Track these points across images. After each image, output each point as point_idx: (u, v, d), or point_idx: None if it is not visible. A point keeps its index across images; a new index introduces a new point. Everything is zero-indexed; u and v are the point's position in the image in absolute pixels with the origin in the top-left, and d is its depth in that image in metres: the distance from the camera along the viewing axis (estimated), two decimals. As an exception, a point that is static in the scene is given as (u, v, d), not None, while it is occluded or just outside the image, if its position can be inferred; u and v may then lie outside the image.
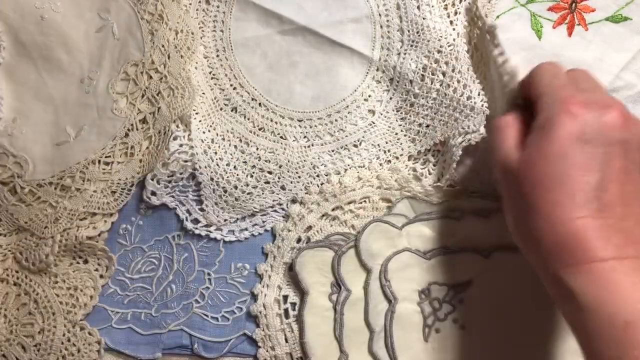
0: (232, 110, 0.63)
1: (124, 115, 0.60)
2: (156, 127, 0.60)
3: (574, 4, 0.62)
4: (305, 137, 0.63)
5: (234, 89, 0.63)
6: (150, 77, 0.60)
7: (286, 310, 0.61)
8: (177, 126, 0.61)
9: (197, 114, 0.62)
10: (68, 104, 0.61)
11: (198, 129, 0.62)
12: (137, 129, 0.60)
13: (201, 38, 0.63)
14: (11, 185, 0.61)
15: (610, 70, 0.60)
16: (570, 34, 0.61)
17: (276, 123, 0.63)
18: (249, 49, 0.63)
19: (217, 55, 0.64)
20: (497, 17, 0.62)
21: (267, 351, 0.60)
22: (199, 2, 0.64)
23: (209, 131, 0.62)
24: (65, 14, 0.62)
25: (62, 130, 0.61)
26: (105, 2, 0.62)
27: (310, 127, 0.63)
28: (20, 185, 0.61)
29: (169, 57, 0.60)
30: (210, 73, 0.63)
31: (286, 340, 0.60)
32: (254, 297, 0.61)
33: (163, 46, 0.61)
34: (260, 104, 0.63)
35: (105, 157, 0.60)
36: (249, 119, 0.63)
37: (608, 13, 0.62)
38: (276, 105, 0.63)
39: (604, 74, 0.60)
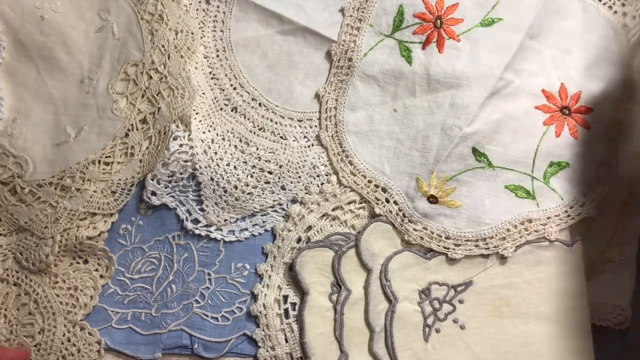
0: (232, 110, 0.63)
1: (124, 115, 0.60)
2: (156, 127, 0.60)
3: (438, 21, 0.60)
4: (305, 137, 0.63)
5: (234, 89, 0.63)
6: (150, 77, 0.60)
7: (286, 311, 0.61)
8: (177, 126, 0.61)
9: (197, 114, 0.62)
10: (68, 104, 0.61)
11: (198, 129, 0.62)
12: (137, 129, 0.60)
13: (201, 38, 0.63)
14: (11, 186, 0.61)
15: (492, 72, 0.60)
16: (441, 50, 0.60)
17: (276, 123, 0.63)
18: (249, 49, 0.63)
19: (217, 55, 0.64)
20: (365, 54, 0.62)
21: (267, 351, 0.60)
22: (199, 2, 0.64)
23: (209, 131, 0.62)
24: (65, 14, 0.62)
25: (62, 130, 0.61)
26: (105, 2, 0.62)
27: (310, 127, 0.63)
28: (21, 185, 0.61)
29: (169, 57, 0.60)
30: (210, 73, 0.63)
31: (286, 340, 0.60)
32: (254, 297, 0.61)
33: (163, 46, 0.61)
34: (260, 104, 0.63)
35: (105, 157, 0.60)
36: (249, 119, 0.63)
37: (477, 20, 0.61)
38: (276, 105, 0.63)
39: (488, 78, 0.59)
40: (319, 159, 0.62)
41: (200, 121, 0.62)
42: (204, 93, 0.63)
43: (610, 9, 0.62)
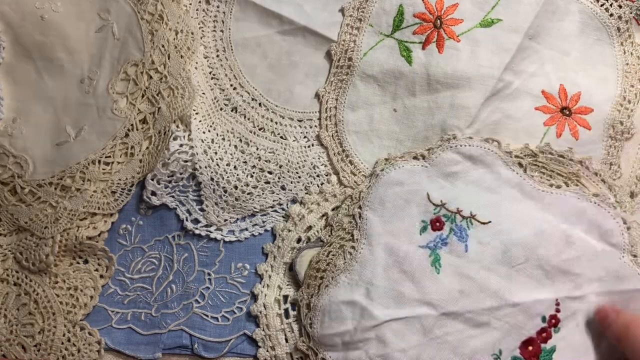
0: (232, 110, 0.63)
1: (124, 115, 0.60)
2: (156, 127, 0.60)
3: (438, 21, 0.61)
4: (305, 137, 0.63)
5: (234, 89, 0.63)
6: (150, 77, 0.60)
7: (286, 310, 0.61)
8: (177, 126, 0.61)
9: (197, 114, 0.62)
10: (68, 104, 0.61)
11: (198, 129, 0.62)
12: (137, 129, 0.60)
13: (201, 38, 0.63)
14: (11, 186, 0.61)
15: (492, 73, 0.60)
16: (441, 51, 0.60)
17: (276, 123, 0.63)
18: (249, 49, 0.63)
19: (217, 55, 0.64)
20: (365, 54, 0.62)
21: (267, 351, 0.60)
22: (199, 2, 0.64)
23: (209, 131, 0.62)
24: (65, 14, 0.62)
25: (62, 130, 0.61)
26: (105, 2, 0.62)
27: (310, 127, 0.63)
28: (21, 185, 0.61)
29: (169, 57, 0.60)
30: (210, 73, 0.63)
31: (286, 340, 0.60)
32: (254, 297, 0.61)
33: (163, 46, 0.61)
34: (260, 104, 0.63)
35: (105, 157, 0.60)
36: (249, 119, 0.63)
37: (477, 20, 0.61)
38: (276, 105, 0.63)
39: (488, 79, 0.60)
40: (319, 159, 0.62)
41: (200, 121, 0.62)
42: (204, 93, 0.63)
43: (606, 11, 0.62)
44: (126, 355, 0.62)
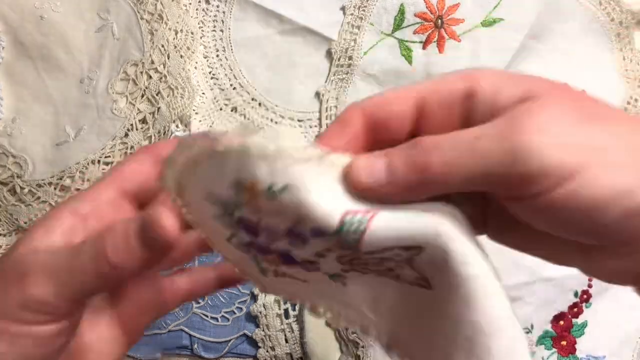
0: (232, 110, 0.63)
1: (123, 115, 0.60)
2: (156, 127, 0.60)
3: (439, 20, 0.60)
4: (305, 137, 0.63)
5: (234, 88, 0.63)
6: (150, 77, 0.60)
7: (286, 311, 0.61)
8: (177, 126, 0.61)
9: (197, 114, 0.62)
10: (68, 104, 0.61)
11: (198, 129, 0.62)
12: (137, 129, 0.60)
13: (201, 38, 0.63)
14: (11, 186, 0.61)
15: None
16: (441, 50, 0.60)
17: (276, 123, 0.62)
18: (249, 49, 0.63)
19: (217, 55, 0.63)
20: (365, 52, 0.62)
21: (267, 351, 0.60)
22: (199, 2, 0.64)
23: (209, 131, 0.62)
24: (65, 14, 0.62)
25: (62, 130, 0.61)
26: (105, 2, 0.61)
27: (310, 127, 0.63)
28: (20, 185, 0.61)
29: (168, 57, 0.60)
30: (210, 73, 0.63)
31: (286, 341, 0.60)
32: (254, 297, 0.61)
33: (163, 46, 0.60)
34: (260, 104, 0.63)
35: (105, 157, 0.60)
36: (249, 119, 0.63)
37: (478, 20, 0.60)
38: (276, 105, 0.63)
39: None
40: (319, 159, 0.62)
41: (200, 121, 0.62)
42: (203, 93, 0.63)
43: (608, 15, 0.62)
44: (126, 355, 0.62)
